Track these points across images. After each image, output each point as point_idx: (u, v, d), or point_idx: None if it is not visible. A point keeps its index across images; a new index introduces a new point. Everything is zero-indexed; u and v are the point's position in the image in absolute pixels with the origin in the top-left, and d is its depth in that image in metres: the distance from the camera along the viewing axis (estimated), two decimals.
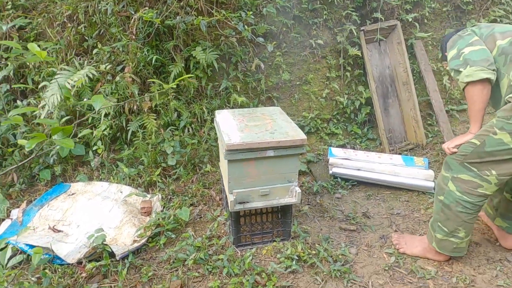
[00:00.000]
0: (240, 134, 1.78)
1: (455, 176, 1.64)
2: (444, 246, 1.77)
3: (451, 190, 1.65)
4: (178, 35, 2.54)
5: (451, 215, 1.68)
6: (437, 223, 1.75)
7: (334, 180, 2.63)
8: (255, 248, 1.99)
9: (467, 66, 1.54)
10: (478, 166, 1.57)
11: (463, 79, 1.56)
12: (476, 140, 1.58)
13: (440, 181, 1.75)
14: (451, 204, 1.66)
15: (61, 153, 2.56)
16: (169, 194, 2.47)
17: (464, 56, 1.57)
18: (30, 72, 2.60)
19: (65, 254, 1.93)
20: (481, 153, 1.55)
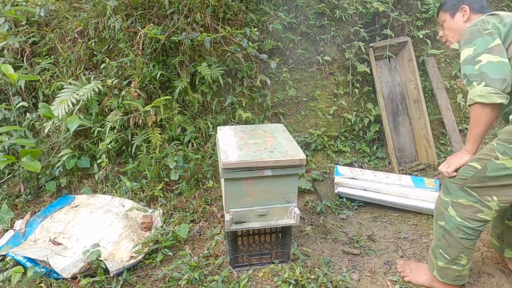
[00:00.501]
0: (238, 152, 1.74)
1: (455, 201, 1.58)
2: (446, 274, 1.69)
3: (452, 216, 1.59)
4: (184, 51, 2.56)
5: (453, 242, 1.61)
6: (439, 250, 1.67)
7: (340, 200, 2.55)
8: (252, 269, 1.93)
9: (482, 83, 1.39)
10: (479, 191, 1.52)
11: (474, 97, 1.43)
12: (477, 164, 1.50)
13: (439, 205, 1.68)
14: (452, 230, 1.60)
15: (67, 165, 2.59)
16: (171, 210, 2.45)
17: (481, 66, 1.41)
18: (41, 86, 2.67)
19: (62, 268, 1.93)
20: (482, 178, 1.49)
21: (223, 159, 1.67)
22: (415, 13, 3.01)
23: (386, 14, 2.92)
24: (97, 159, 2.61)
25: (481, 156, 1.50)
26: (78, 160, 2.64)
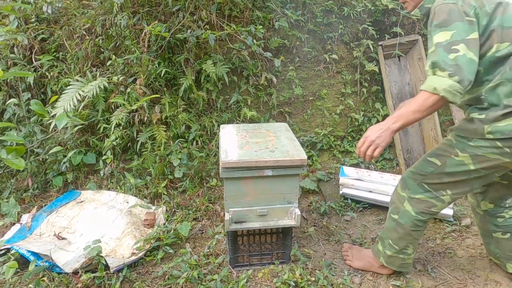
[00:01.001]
0: (239, 151, 1.73)
1: (412, 196, 1.61)
2: (392, 261, 1.77)
3: (407, 210, 1.63)
4: (189, 48, 2.55)
5: (404, 234, 1.67)
6: (389, 241, 1.73)
7: (344, 201, 2.51)
8: (252, 269, 1.91)
9: (455, 77, 1.26)
10: (436, 187, 1.55)
11: (441, 89, 1.28)
12: (437, 160, 1.52)
13: (395, 199, 1.69)
14: (405, 224, 1.65)
15: (73, 161, 2.62)
16: (174, 207, 2.45)
17: (457, 57, 1.28)
18: (49, 82, 2.71)
19: (64, 263, 1.95)
20: (442, 174, 1.51)
21: (223, 158, 1.66)
22: None
23: (396, 11, 2.85)
24: (103, 156, 2.63)
25: (440, 152, 1.51)
26: (84, 156, 2.67)
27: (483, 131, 1.37)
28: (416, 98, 1.37)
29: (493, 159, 1.39)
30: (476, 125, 1.39)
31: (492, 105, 1.36)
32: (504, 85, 1.33)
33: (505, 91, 1.33)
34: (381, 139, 1.41)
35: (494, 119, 1.34)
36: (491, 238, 1.79)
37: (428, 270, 1.91)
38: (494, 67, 1.35)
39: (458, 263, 1.96)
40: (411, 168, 1.66)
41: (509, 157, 1.36)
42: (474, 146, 1.41)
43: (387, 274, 1.87)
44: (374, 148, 1.42)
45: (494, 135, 1.35)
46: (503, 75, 1.33)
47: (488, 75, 1.37)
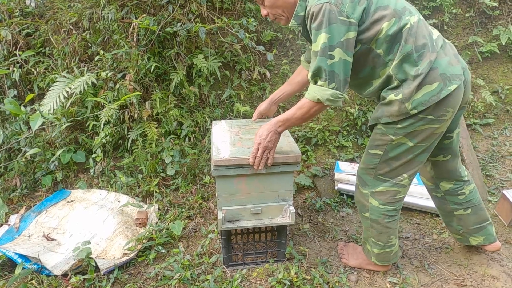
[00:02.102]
0: (231, 148, 1.67)
1: (373, 190, 1.63)
2: (383, 258, 1.77)
3: (374, 205, 1.65)
4: (180, 43, 2.48)
5: (381, 228, 1.68)
6: (371, 239, 1.74)
7: (340, 197, 2.47)
8: (246, 269, 1.87)
9: (332, 84, 1.36)
10: (391, 175, 1.58)
11: (324, 99, 1.39)
12: (378, 150, 1.55)
13: (360, 198, 1.70)
14: (378, 218, 1.66)
15: (62, 159, 2.55)
16: (166, 205, 2.40)
17: (333, 64, 1.34)
18: (36, 78, 2.63)
19: (53, 265, 1.90)
20: (388, 161, 1.55)
21: (214, 155, 1.61)
22: (422, 1, 2.88)
23: None
24: (93, 154, 2.57)
25: (377, 142, 1.55)
26: (73, 155, 2.60)
27: (406, 110, 1.40)
28: (301, 107, 1.47)
29: (424, 130, 1.44)
30: (397, 106, 1.42)
31: (403, 81, 1.40)
32: (407, 58, 1.37)
33: (409, 63, 1.37)
34: (272, 143, 1.54)
35: (410, 94, 1.38)
36: (453, 217, 1.83)
37: (425, 266, 1.89)
38: (391, 46, 1.38)
39: (455, 258, 1.94)
40: (360, 165, 1.68)
41: (437, 122, 1.43)
42: (403, 127, 1.45)
43: (384, 271, 1.84)
44: (268, 152, 1.55)
45: (417, 109, 1.39)
46: (402, 50, 1.36)
47: (389, 54, 1.40)
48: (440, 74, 1.38)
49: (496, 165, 2.68)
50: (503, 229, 2.16)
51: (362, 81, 1.53)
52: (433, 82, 1.37)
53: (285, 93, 1.97)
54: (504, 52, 3.02)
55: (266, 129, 1.54)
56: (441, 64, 1.39)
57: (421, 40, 1.38)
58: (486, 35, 2.99)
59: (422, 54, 1.37)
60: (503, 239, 2.07)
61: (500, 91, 2.98)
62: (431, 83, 1.37)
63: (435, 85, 1.37)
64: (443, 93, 1.37)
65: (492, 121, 2.97)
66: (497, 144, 2.86)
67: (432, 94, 1.38)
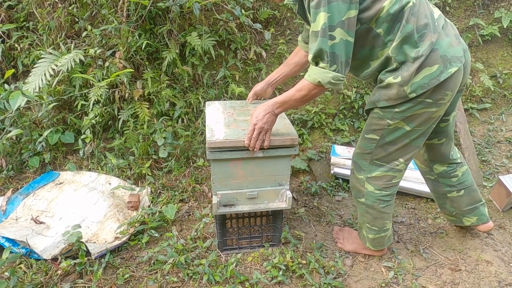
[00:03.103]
0: (226, 130, 1.61)
1: (369, 176, 1.61)
2: (378, 243, 1.77)
3: (370, 191, 1.63)
4: (172, 19, 2.36)
5: (377, 214, 1.67)
6: (366, 224, 1.74)
7: (335, 181, 2.45)
8: (241, 253, 1.85)
9: (333, 66, 1.30)
10: (387, 159, 1.55)
11: (325, 81, 1.32)
12: (374, 135, 1.52)
13: (355, 183, 1.68)
14: (374, 203, 1.65)
15: (50, 140, 2.46)
16: (159, 188, 2.35)
17: (334, 45, 1.27)
18: (20, 55, 2.49)
19: (42, 249, 1.85)
20: (384, 146, 1.52)
21: (208, 137, 1.55)
22: None
23: None
24: (82, 135, 2.48)
25: (373, 127, 1.52)
26: (61, 135, 2.50)
27: (405, 93, 1.36)
28: (300, 89, 1.41)
29: (422, 113, 1.41)
30: (395, 89, 1.37)
31: (402, 63, 1.35)
32: (407, 39, 1.31)
33: (409, 44, 1.32)
34: (268, 124, 1.49)
35: (410, 77, 1.33)
36: (446, 199, 1.83)
37: (420, 250, 1.89)
38: (392, 26, 1.32)
39: (450, 243, 1.95)
40: (356, 150, 1.65)
41: (435, 106, 1.39)
42: (400, 111, 1.41)
43: (380, 255, 1.84)
44: (265, 133, 1.49)
45: (416, 92, 1.35)
46: (403, 30, 1.30)
47: (389, 35, 1.33)
48: (441, 56, 1.32)
49: (492, 150, 2.67)
50: (497, 214, 2.16)
51: (360, 62, 1.46)
52: (433, 65, 1.32)
53: (282, 75, 1.91)
54: (505, 36, 2.97)
55: (263, 110, 1.48)
56: (442, 46, 1.33)
57: (423, 20, 1.31)
58: (488, 18, 2.92)
59: (423, 35, 1.31)
60: (497, 224, 2.08)
61: (498, 76, 2.94)
62: (431, 66, 1.32)
63: (435, 68, 1.32)
64: (443, 75, 1.32)
65: (489, 106, 2.95)
66: (494, 129, 2.85)
67: (431, 77, 1.33)
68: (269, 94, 1.98)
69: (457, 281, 1.71)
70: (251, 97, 1.97)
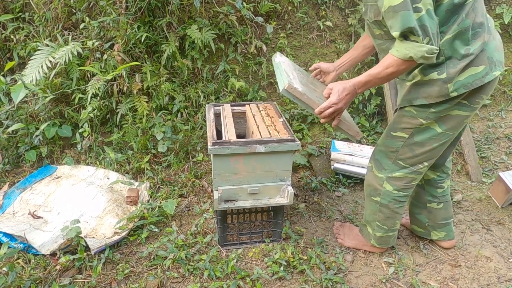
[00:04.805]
0: (302, 87, 1.47)
1: (390, 175, 1.57)
2: (384, 241, 1.76)
3: (388, 190, 1.59)
4: (172, 11, 2.32)
5: (390, 213, 1.65)
6: (376, 223, 1.71)
7: (335, 176, 2.44)
8: (242, 248, 1.84)
9: (426, 38, 1.17)
10: (412, 162, 1.51)
11: (418, 55, 1.19)
12: (403, 133, 1.48)
13: (373, 181, 1.64)
14: (389, 203, 1.62)
15: (47, 134, 2.42)
16: (158, 183, 2.33)
17: (422, 18, 1.16)
18: (16, 46, 2.44)
19: (40, 244, 1.82)
20: (412, 146, 1.48)
21: (289, 80, 1.42)
22: None
23: None
24: (80, 128, 2.44)
25: (403, 125, 1.46)
26: (59, 129, 2.47)
27: (447, 91, 1.31)
28: (388, 66, 1.27)
29: (456, 116, 1.38)
30: (438, 86, 1.31)
31: (447, 59, 1.29)
32: (461, 34, 1.25)
33: (462, 40, 1.26)
34: (346, 105, 1.39)
35: (455, 74, 1.28)
36: (424, 209, 1.79)
37: (420, 246, 1.89)
38: (449, 17, 1.24)
39: None
40: (379, 147, 1.60)
41: (470, 109, 1.37)
42: (436, 111, 1.37)
43: (380, 252, 1.84)
44: (338, 113, 1.40)
45: (458, 91, 1.30)
46: (460, 24, 1.24)
47: (443, 26, 1.25)
48: (487, 57, 1.28)
49: (491, 146, 2.68)
50: (496, 211, 2.17)
51: None
52: (480, 65, 1.28)
53: (350, 59, 1.72)
54: (505, 32, 2.96)
55: (346, 89, 1.34)
56: (490, 47, 1.29)
57: (480, 18, 1.26)
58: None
59: (477, 33, 1.26)
60: (496, 220, 2.09)
61: None
62: (477, 66, 1.27)
63: (481, 68, 1.28)
64: (487, 77, 1.28)
65: (488, 102, 2.95)
66: (493, 125, 2.85)
67: (476, 77, 1.28)
68: (330, 79, 1.79)
69: (457, 276, 1.71)
70: (314, 71, 1.81)
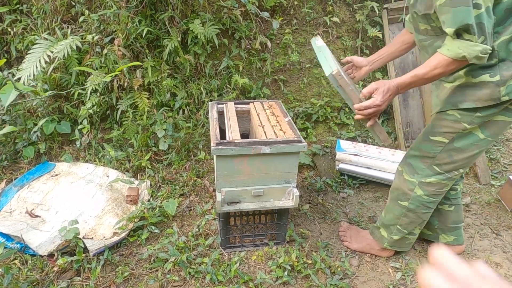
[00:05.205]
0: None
1: (423, 180, 1.51)
2: (399, 244, 1.71)
3: (418, 195, 1.54)
4: (174, 5, 2.24)
5: (415, 218, 1.60)
6: (396, 226, 1.66)
7: (341, 177, 2.38)
8: (244, 251, 1.79)
9: (481, 37, 1.12)
10: (448, 168, 1.45)
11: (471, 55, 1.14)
12: (443, 138, 1.41)
13: (402, 186, 1.57)
14: (417, 208, 1.57)
15: (45, 130, 2.36)
16: (159, 182, 2.27)
17: (480, 15, 1.11)
18: (13, 39, 2.37)
19: (37, 244, 1.77)
20: (451, 152, 1.42)
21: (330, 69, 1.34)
22: None
23: None
24: (79, 124, 2.38)
25: (445, 129, 1.40)
26: (57, 125, 2.40)
27: (498, 95, 1.24)
28: (436, 66, 1.21)
29: (500, 122, 1.33)
30: (490, 89, 1.25)
31: (501, 60, 1.23)
32: None
33: None
34: (387, 106, 1.35)
35: (509, 77, 1.22)
36: (435, 210, 1.71)
37: (427, 251, 1.84)
38: (508, 17, 1.19)
39: None
40: (414, 152, 1.53)
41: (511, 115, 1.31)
42: (482, 116, 1.31)
43: (388, 256, 1.79)
44: (376, 115, 1.34)
45: (509, 96, 1.24)
46: None
47: (499, 25, 1.20)
48: None
49: (501, 148, 2.62)
50: (506, 214, 2.12)
51: None
52: None
53: (385, 54, 1.64)
54: None
55: (389, 90, 1.29)
56: None
57: None
58: None
59: None
60: (505, 224, 2.04)
61: None
62: None
63: None
64: None
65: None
66: None
67: None
68: (362, 74, 1.67)
69: None
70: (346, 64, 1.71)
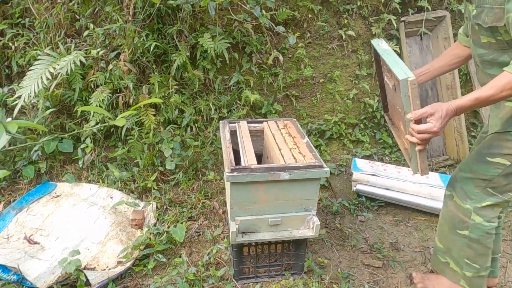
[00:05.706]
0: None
1: (479, 206, 1.39)
2: (476, 283, 1.50)
3: (478, 223, 1.41)
4: (183, 19, 2.15)
5: (482, 249, 1.45)
6: (465, 260, 1.49)
7: (358, 199, 2.25)
8: (259, 283, 1.65)
9: None
10: (503, 189, 1.35)
11: None
12: (504, 160, 1.30)
13: (457, 213, 1.44)
14: (481, 237, 1.42)
15: (46, 148, 2.25)
16: (165, 204, 2.15)
17: None
18: (14, 54, 2.28)
19: (36, 276, 1.64)
20: (509, 174, 1.31)
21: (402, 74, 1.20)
22: None
23: None
24: (82, 143, 2.27)
25: (506, 151, 1.29)
26: (59, 143, 2.29)
27: None
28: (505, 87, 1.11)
29: None
30: None
31: None
32: None
33: None
34: (442, 130, 1.22)
35: None
36: None
37: None
38: None
39: None
40: (465, 174, 1.41)
41: None
42: None
43: None
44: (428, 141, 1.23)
45: None
46: None
47: None
48: None
49: None
50: None
51: None
52: None
53: (435, 67, 1.52)
54: None
55: (448, 115, 1.18)
56: None
57: None
58: None
59: None
60: None
61: None
62: None
63: None
64: None
65: None
66: None
67: None
68: None
69: None
70: None
